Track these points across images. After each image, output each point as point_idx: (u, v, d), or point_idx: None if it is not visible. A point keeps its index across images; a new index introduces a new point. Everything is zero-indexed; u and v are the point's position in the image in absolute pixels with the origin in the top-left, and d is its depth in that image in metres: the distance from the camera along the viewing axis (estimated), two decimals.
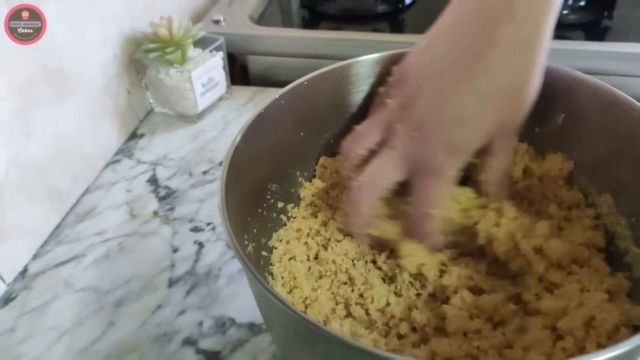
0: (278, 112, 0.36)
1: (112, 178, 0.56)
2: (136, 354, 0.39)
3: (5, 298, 0.44)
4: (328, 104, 0.40)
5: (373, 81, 0.40)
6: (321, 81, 0.38)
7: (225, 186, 0.29)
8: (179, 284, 0.44)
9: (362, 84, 0.40)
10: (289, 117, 0.38)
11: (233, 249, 0.26)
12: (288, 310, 0.23)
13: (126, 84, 0.60)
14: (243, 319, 0.41)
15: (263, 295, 0.25)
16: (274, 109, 0.36)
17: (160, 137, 0.61)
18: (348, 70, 0.39)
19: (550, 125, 0.38)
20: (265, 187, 0.38)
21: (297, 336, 0.27)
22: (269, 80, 0.72)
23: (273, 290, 0.24)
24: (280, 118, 0.37)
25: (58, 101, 0.49)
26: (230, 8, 0.73)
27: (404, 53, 0.38)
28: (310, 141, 0.41)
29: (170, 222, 0.50)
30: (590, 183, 0.37)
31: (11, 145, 0.44)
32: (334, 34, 0.72)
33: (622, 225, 0.35)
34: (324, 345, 0.24)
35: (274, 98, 0.36)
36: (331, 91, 0.39)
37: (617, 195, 0.35)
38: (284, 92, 0.37)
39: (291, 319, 0.23)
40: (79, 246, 0.48)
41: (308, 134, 0.40)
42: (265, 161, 0.37)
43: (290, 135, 0.39)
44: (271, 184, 0.38)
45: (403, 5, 0.77)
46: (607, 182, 0.36)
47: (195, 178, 0.55)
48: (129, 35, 0.59)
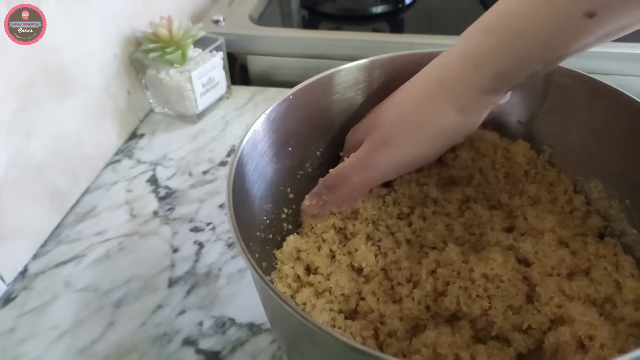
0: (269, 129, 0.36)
1: (112, 178, 0.56)
2: (136, 354, 0.39)
3: (5, 298, 0.44)
4: (313, 117, 0.39)
5: (361, 86, 0.40)
6: (304, 94, 0.38)
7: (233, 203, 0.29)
8: (179, 284, 0.44)
9: (347, 92, 0.40)
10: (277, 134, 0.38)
11: (238, 249, 0.26)
12: (293, 312, 0.23)
13: (126, 84, 0.60)
14: (243, 319, 0.41)
15: (267, 295, 0.25)
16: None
17: (160, 137, 0.61)
18: (331, 81, 0.39)
19: (533, 116, 0.39)
20: (261, 207, 0.37)
21: (301, 337, 0.27)
22: (269, 80, 0.72)
23: (277, 291, 0.24)
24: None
25: (58, 101, 0.49)
26: (230, 8, 0.73)
27: (397, 56, 0.39)
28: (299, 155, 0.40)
29: (170, 222, 0.50)
30: (578, 170, 0.39)
31: (11, 145, 0.44)
32: (333, 34, 0.72)
33: (615, 209, 0.37)
34: (326, 347, 0.24)
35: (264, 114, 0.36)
36: (316, 103, 0.39)
37: (606, 180, 0.36)
38: (270, 110, 0.36)
39: (295, 321, 0.23)
40: (79, 246, 0.48)
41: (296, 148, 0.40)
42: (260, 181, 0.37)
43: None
44: (266, 204, 0.38)
45: (403, 5, 0.77)
46: (595, 169, 0.37)
47: (195, 178, 0.55)
48: (129, 35, 0.59)
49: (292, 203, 0.40)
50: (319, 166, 0.41)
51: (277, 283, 0.36)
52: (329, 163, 0.39)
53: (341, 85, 0.40)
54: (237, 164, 0.32)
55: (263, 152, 0.36)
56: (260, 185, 0.36)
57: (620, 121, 0.35)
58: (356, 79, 0.40)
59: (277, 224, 0.38)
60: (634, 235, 0.35)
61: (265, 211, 0.37)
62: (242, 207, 0.31)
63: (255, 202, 0.36)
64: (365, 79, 0.40)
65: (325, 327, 0.23)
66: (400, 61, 0.39)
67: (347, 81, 0.40)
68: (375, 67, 0.40)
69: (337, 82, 0.39)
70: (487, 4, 0.77)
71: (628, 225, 0.36)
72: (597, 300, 0.32)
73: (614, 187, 0.37)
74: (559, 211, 0.38)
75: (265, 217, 0.37)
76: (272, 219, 0.38)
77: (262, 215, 0.37)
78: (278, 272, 0.36)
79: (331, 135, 0.41)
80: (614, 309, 0.32)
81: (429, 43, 0.63)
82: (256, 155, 0.35)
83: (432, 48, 0.39)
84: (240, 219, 0.28)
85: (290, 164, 0.39)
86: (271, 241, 0.37)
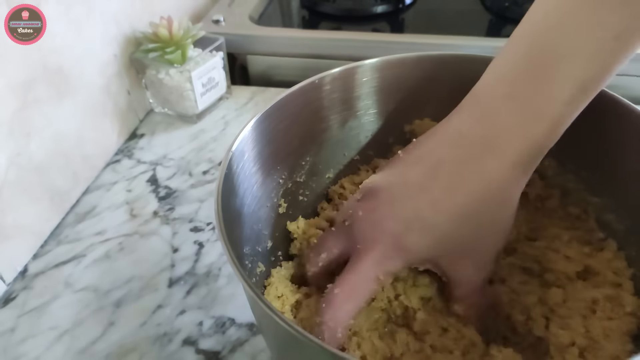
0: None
1: (112, 178, 0.56)
2: (136, 354, 0.39)
3: (5, 298, 0.44)
4: (304, 124, 0.38)
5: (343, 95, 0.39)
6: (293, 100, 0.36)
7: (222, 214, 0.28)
8: (179, 284, 0.44)
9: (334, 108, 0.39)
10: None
11: (226, 253, 0.26)
12: (277, 319, 0.23)
13: (126, 84, 0.60)
14: (243, 319, 0.41)
15: (255, 302, 0.24)
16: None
17: (160, 137, 0.61)
18: (320, 87, 0.37)
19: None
20: (251, 226, 0.35)
21: (286, 344, 0.27)
22: (269, 80, 0.72)
23: (264, 299, 0.24)
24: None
25: (58, 101, 0.49)
26: (230, 8, 0.73)
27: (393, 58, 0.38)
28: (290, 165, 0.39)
29: (170, 222, 0.50)
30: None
31: (11, 145, 0.44)
32: (333, 34, 0.72)
33: (573, 182, 0.37)
34: (311, 354, 0.24)
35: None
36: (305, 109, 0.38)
37: (559, 156, 0.36)
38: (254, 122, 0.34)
39: (281, 328, 0.23)
40: (79, 246, 0.48)
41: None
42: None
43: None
44: (255, 225, 0.36)
45: (403, 5, 0.77)
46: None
47: (195, 178, 0.55)
48: (129, 35, 0.59)
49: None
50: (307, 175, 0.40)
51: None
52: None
53: (327, 91, 0.38)
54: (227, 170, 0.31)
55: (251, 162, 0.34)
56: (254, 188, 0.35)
57: None
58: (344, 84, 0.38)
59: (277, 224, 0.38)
60: (596, 204, 0.36)
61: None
62: (234, 221, 0.31)
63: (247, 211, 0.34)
64: (355, 83, 0.39)
65: (309, 334, 0.22)
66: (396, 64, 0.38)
67: (332, 88, 0.38)
68: (366, 71, 0.38)
69: (322, 90, 0.38)
70: (487, 4, 0.78)
71: (589, 195, 0.36)
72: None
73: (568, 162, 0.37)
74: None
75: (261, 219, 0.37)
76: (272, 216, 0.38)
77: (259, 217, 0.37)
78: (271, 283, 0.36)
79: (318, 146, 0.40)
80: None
81: (429, 43, 0.63)
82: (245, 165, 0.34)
83: (432, 48, 0.38)
84: (229, 226, 0.28)
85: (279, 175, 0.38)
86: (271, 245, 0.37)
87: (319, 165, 0.41)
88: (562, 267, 0.34)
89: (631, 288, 0.33)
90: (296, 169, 0.39)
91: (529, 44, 0.27)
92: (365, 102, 0.40)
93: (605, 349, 0.30)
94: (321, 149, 0.40)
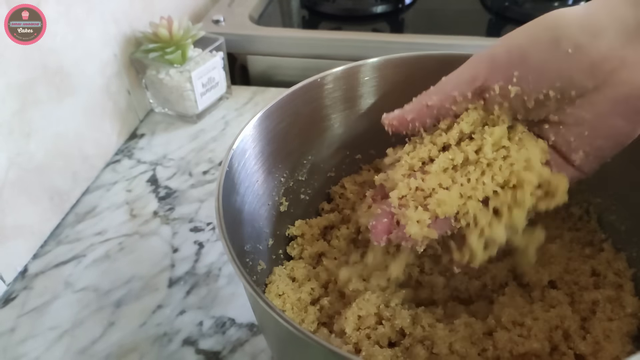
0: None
1: (112, 178, 0.56)
2: (136, 354, 0.39)
3: (5, 298, 0.44)
4: (305, 123, 0.38)
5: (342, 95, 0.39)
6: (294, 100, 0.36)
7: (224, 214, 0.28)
8: (179, 284, 0.44)
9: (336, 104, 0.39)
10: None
11: (227, 253, 0.26)
12: (278, 318, 0.23)
13: (126, 84, 0.60)
14: (243, 319, 0.41)
15: (256, 302, 0.24)
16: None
17: (160, 137, 0.61)
18: (322, 86, 0.38)
19: None
20: (252, 224, 0.36)
21: (287, 343, 0.26)
22: (269, 80, 0.72)
23: (265, 297, 0.24)
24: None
25: (58, 101, 0.49)
26: (230, 8, 0.73)
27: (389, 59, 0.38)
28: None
29: (170, 222, 0.50)
30: None
31: (11, 145, 0.44)
32: (333, 34, 0.72)
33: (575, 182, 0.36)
34: (313, 354, 0.24)
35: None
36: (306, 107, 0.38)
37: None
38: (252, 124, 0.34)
39: (281, 327, 0.23)
40: (79, 246, 0.48)
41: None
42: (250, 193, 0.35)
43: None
44: (256, 223, 0.36)
45: (403, 5, 0.77)
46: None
47: (195, 178, 0.55)
48: (129, 35, 0.59)
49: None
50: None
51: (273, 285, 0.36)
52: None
53: (327, 91, 0.38)
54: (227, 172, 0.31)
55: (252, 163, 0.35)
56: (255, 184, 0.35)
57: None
58: (345, 84, 0.39)
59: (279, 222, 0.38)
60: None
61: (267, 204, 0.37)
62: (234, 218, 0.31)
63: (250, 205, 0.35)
64: (355, 83, 0.39)
65: (312, 334, 0.22)
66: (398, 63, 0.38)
67: (332, 87, 0.38)
68: (366, 71, 0.39)
69: (322, 90, 0.38)
70: (488, 4, 0.78)
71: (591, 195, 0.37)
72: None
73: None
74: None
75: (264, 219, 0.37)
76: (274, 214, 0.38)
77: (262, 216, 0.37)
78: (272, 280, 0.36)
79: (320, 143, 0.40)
80: None
81: (429, 43, 0.63)
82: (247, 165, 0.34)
83: (432, 48, 0.38)
84: (229, 224, 0.28)
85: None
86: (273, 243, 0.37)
87: (321, 164, 0.41)
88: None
89: (632, 289, 0.33)
90: (297, 168, 0.39)
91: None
92: (366, 101, 0.40)
93: (606, 349, 0.30)
94: (323, 148, 0.40)
